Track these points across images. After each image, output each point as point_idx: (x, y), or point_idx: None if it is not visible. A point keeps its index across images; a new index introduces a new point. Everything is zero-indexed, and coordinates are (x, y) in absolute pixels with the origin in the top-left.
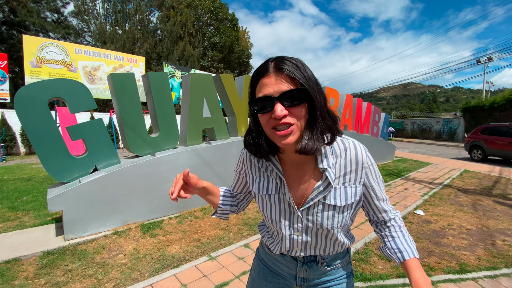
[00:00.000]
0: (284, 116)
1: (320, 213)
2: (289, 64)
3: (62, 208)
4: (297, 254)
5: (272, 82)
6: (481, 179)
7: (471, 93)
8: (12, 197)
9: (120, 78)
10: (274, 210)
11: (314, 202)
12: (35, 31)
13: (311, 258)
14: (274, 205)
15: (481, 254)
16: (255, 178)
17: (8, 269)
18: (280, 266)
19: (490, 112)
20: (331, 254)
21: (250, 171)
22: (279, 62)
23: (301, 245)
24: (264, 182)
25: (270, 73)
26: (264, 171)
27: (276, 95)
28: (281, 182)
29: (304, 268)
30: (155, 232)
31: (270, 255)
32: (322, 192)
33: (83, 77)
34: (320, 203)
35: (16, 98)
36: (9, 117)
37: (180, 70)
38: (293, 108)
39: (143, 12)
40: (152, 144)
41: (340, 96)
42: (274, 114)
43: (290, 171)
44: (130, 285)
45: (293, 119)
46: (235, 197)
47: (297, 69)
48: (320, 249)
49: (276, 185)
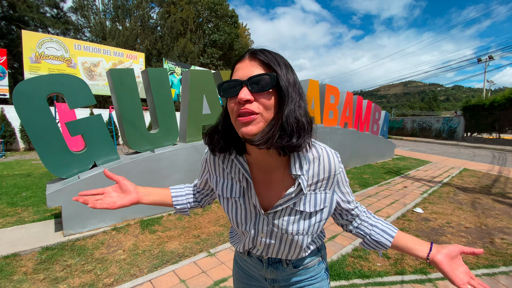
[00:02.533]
0: (248, 101)
1: (286, 217)
2: (266, 53)
3: (61, 204)
4: (259, 253)
5: (244, 66)
6: (481, 178)
7: (471, 91)
8: (11, 193)
9: (119, 74)
10: (240, 212)
11: (282, 208)
12: (34, 27)
13: (276, 259)
14: (239, 208)
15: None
16: (219, 179)
17: (7, 264)
18: (250, 267)
19: (490, 111)
20: (294, 257)
21: (214, 171)
22: (256, 50)
23: (264, 246)
24: (228, 184)
25: (245, 58)
26: (228, 173)
27: (244, 79)
28: (247, 185)
29: (270, 269)
30: (154, 228)
31: (241, 257)
32: (293, 199)
33: (83, 73)
34: (288, 208)
35: (15, 93)
36: (8, 113)
37: (180, 67)
38: (259, 94)
39: (144, 8)
40: (151, 141)
41: (341, 94)
42: (238, 98)
43: (258, 175)
44: (129, 280)
45: (258, 107)
46: (199, 192)
47: (274, 58)
48: (283, 254)
49: (240, 188)
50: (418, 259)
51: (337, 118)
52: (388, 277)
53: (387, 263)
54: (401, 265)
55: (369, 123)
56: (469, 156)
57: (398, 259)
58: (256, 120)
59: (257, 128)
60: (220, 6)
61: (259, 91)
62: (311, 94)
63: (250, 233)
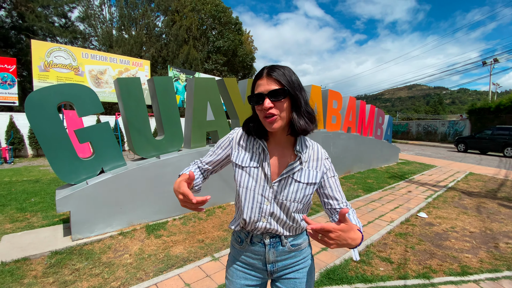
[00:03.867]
0: (270, 108)
1: (287, 186)
2: (277, 71)
3: (70, 209)
4: (263, 226)
5: (264, 83)
6: (486, 182)
7: (477, 94)
8: (20, 199)
9: (126, 83)
10: (251, 181)
11: (285, 176)
12: (43, 36)
13: (276, 240)
14: (251, 176)
15: (483, 256)
16: (240, 152)
17: (18, 268)
18: (252, 256)
19: (496, 114)
20: (290, 232)
21: (237, 147)
22: (270, 70)
23: (267, 215)
24: (249, 156)
25: (263, 77)
26: (251, 147)
27: (266, 92)
28: (264, 155)
29: (272, 251)
30: (160, 233)
31: (242, 250)
32: (293, 169)
33: (90, 80)
34: (289, 178)
35: (27, 102)
36: (17, 120)
37: (185, 73)
38: (277, 103)
39: (149, 17)
40: (157, 147)
41: (343, 99)
42: (263, 106)
43: (273, 150)
44: (136, 284)
45: (276, 111)
46: (204, 168)
47: (283, 75)
48: (281, 223)
49: (259, 158)
50: None
51: (340, 123)
52: (390, 282)
53: (389, 267)
54: (404, 269)
55: (372, 128)
56: (475, 160)
57: (401, 264)
58: (276, 120)
59: (279, 124)
60: (224, 13)
61: (276, 100)
62: (314, 100)
63: (257, 199)
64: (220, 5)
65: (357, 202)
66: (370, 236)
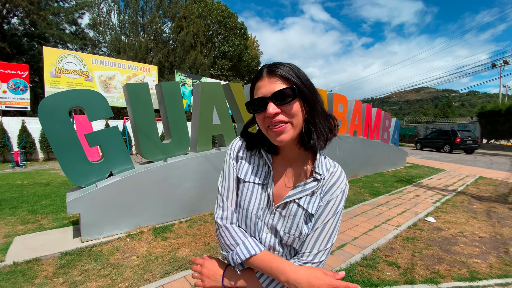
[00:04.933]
0: (276, 114)
1: (293, 216)
2: (281, 67)
3: (80, 211)
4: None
5: (265, 84)
6: (497, 186)
7: (487, 97)
8: (31, 201)
9: (135, 88)
10: (251, 202)
11: (290, 201)
12: (54, 43)
13: None
14: (252, 194)
15: (493, 262)
16: (241, 163)
17: (29, 268)
18: None
19: (507, 117)
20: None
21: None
22: (271, 66)
23: (266, 246)
24: (250, 168)
25: (263, 76)
26: (253, 160)
27: (268, 95)
28: (268, 170)
29: None
30: (166, 236)
31: None
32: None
33: (99, 86)
34: (295, 204)
35: (40, 108)
36: (29, 125)
37: (191, 78)
38: (285, 106)
39: (157, 23)
40: (164, 150)
41: (349, 102)
42: (267, 113)
43: (279, 166)
44: (143, 285)
45: (286, 117)
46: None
47: (290, 69)
48: (284, 255)
49: (261, 173)
50: None
51: (346, 126)
52: (397, 286)
53: (396, 272)
54: (411, 274)
55: (379, 131)
56: (486, 163)
57: (408, 269)
58: (286, 129)
59: (288, 135)
60: (229, 19)
61: (283, 104)
62: None
63: (255, 223)
64: (226, 10)
65: (364, 206)
66: (376, 240)
